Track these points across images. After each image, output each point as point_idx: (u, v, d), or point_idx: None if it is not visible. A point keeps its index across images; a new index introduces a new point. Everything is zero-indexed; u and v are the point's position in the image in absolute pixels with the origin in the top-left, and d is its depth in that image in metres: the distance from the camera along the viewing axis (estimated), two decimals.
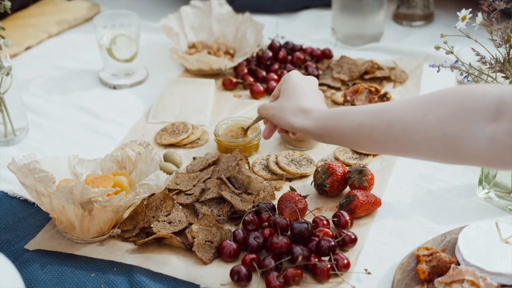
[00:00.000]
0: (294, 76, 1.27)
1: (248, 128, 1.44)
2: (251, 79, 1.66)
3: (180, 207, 1.26)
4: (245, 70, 1.69)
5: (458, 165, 1.22)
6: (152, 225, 1.21)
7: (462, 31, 1.30)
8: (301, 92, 1.24)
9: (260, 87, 1.63)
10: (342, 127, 1.14)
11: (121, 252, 1.20)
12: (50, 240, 1.23)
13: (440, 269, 1.11)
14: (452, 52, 1.31)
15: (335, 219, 1.23)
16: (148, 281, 1.15)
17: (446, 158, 1.04)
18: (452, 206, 1.29)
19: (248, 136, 1.42)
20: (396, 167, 1.39)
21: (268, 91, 1.63)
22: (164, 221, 1.22)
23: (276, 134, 1.48)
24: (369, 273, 1.16)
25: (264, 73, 1.68)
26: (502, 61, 1.24)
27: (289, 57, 1.74)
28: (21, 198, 1.34)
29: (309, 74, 1.63)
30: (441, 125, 1.01)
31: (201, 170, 1.36)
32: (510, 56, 1.23)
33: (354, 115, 1.13)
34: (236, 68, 1.71)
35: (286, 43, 1.77)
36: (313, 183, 1.33)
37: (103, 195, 1.14)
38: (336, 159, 1.42)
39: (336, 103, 1.58)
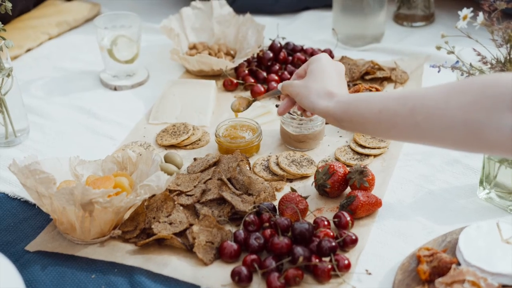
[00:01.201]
0: (324, 58, 1.28)
1: (254, 100, 1.45)
2: (252, 80, 1.66)
3: (181, 208, 1.26)
4: (246, 71, 1.69)
5: (479, 153, 1.21)
6: (153, 226, 1.21)
7: (463, 31, 1.30)
8: (329, 75, 1.24)
9: (261, 88, 1.63)
10: (364, 112, 1.13)
11: (122, 253, 1.20)
12: (51, 241, 1.23)
13: (441, 270, 1.11)
14: (453, 52, 1.31)
15: (336, 219, 1.23)
16: (149, 282, 1.15)
17: (467, 146, 1.04)
18: (453, 206, 1.29)
19: (242, 111, 1.44)
20: (397, 168, 1.39)
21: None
22: (165, 222, 1.22)
23: (277, 135, 1.48)
24: (370, 273, 1.16)
25: (264, 74, 1.68)
26: (503, 61, 1.24)
27: (290, 58, 1.74)
28: (21, 200, 1.34)
29: None
30: (464, 113, 1.01)
31: (201, 171, 1.36)
32: (511, 56, 1.23)
33: (376, 100, 1.13)
34: (236, 69, 1.71)
35: (287, 44, 1.77)
36: (313, 184, 1.33)
37: (104, 196, 1.14)
38: (337, 159, 1.42)
39: None
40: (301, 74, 1.31)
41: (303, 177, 1.38)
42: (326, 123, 1.51)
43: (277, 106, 1.44)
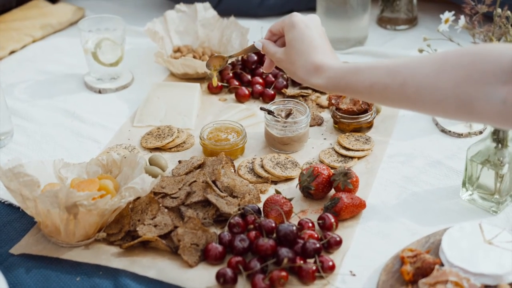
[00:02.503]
0: (298, 22, 1.21)
1: (231, 56, 1.38)
2: (236, 83, 1.67)
3: (166, 210, 1.26)
4: (230, 74, 1.69)
5: (470, 122, 1.24)
6: (137, 229, 1.21)
7: (445, 34, 1.31)
8: (310, 43, 1.19)
9: (245, 90, 1.63)
10: (356, 86, 1.13)
11: (107, 256, 1.20)
12: (35, 244, 1.22)
13: (424, 270, 1.12)
14: (427, 54, 1.32)
15: (320, 221, 1.24)
16: (134, 285, 1.15)
17: (458, 117, 1.05)
18: (436, 208, 1.30)
19: (218, 70, 1.39)
20: (381, 170, 1.40)
21: (253, 95, 1.64)
22: (150, 224, 1.22)
23: (262, 137, 1.49)
24: (354, 274, 1.16)
25: (249, 76, 1.68)
26: None
27: None
28: (5, 203, 1.33)
29: None
30: (455, 86, 1.02)
31: (186, 174, 1.36)
32: None
33: (366, 74, 1.12)
34: (221, 72, 1.71)
35: None
36: (298, 186, 1.33)
37: (89, 198, 1.14)
38: (321, 162, 1.42)
39: (320, 106, 1.59)
40: (276, 33, 1.26)
41: (288, 179, 1.38)
42: (311, 126, 1.52)
43: (261, 108, 1.44)
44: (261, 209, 1.28)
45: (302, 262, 1.15)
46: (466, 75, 1.01)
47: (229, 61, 1.42)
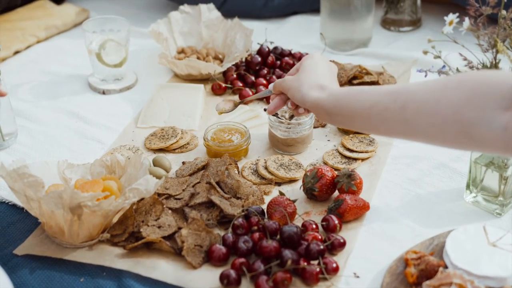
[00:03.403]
0: (317, 56, 1.30)
1: (244, 102, 1.48)
2: (240, 84, 1.67)
3: (170, 211, 1.26)
4: (234, 75, 1.69)
5: (469, 150, 1.20)
6: (141, 230, 1.21)
7: (449, 36, 1.31)
8: (322, 70, 1.26)
9: (249, 92, 1.63)
10: (355, 106, 1.13)
11: (111, 257, 1.20)
12: (39, 245, 1.22)
13: (428, 273, 1.12)
14: (439, 57, 1.32)
15: (324, 223, 1.24)
16: (138, 286, 1.15)
17: (457, 144, 1.04)
18: (440, 210, 1.30)
19: (225, 112, 1.45)
20: (385, 172, 1.40)
21: None
22: (154, 225, 1.22)
23: (266, 139, 1.49)
24: (358, 276, 1.16)
25: (253, 78, 1.68)
26: (489, 66, 1.25)
27: (278, 62, 1.74)
28: (10, 203, 1.33)
29: None
30: (455, 111, 1.01)
31: (190, 175, 1.36)
32: (497, 61, 1.24)
33: (368, 95, 1.13)
34: (225, 73, 1.71)
35: (275, 48, 1.78)
36: (302, 188, 1.33)
37: (93, 199, 1.14)
38: (325, 163, 1.42)
39: None
40: (293, 73, 1.32)
41: (292, 180, 1.38)
42: (315, 127, 1.52)
43: (265, 110, 1.44)
44: (265, 210, 1.28)
45: (306, 263, 1.15)
46: (466, 101, 1.00)
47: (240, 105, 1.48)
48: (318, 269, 1.14)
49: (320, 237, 1.20)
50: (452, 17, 1.30)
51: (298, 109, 1.31)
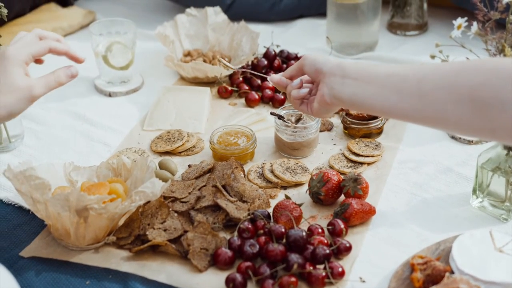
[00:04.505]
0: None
1: (243, 72, 1.50)
2: (246, 87, 1.67)
3: (176, 214, 1.26)
4: (240, 78, 1.69)
5: (478, 136, 1.16)
6: (147, 233, 1.21)
7: (457, 41, 1.31)
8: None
9: (255, 95, 1.63)
10: (375, 70, 1.12)
11: (116, 260, 1.20)
12: (45, 247, 1.23)
13: (434, 278, 1.12)
14: (447, 61, 1.31)
15: (330, 227, 1.24)
16: None
17: (469, 125, 1.03)
18: (446, 215, 1.30)
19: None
20: (391, 176, 1.40)
21: (263, 100, 1.64)
22: (160, 228, 1.22)
23: (272, 142, 1.49)
24: (363, 281, 1.16)
25: (259, 81, 1.68)
26: None
27: (284, 66, 1.74)
28: (16, 205, 1.33)
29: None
30: (472, 89, 1.01)
31: (196, 178, 1.36)
32: None
33: (389, 66, 1.13)
34: (231, 76, 1.71)
35: (281, 52, 1.78)
36: (308, 191, 1.33)
37: (99, 202, 1.14)
38: (331, 167, 1.42)
39: None
40: (289, 74, 1.30)
41: (297, 184, 1.38)
42: (321, 131, 1.52)
43: (271, 113, 1.44)
44: (271, 214, 1.27)
45: (311, 268, 1.14)
46: (484, 81, 1.00)
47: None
48: (324, 274, 1.14)
49: (326, 241, 1.20)
50: (460, 21, 1.30)
51: (300, 89, 1.28)
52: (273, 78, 1.31)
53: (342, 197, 1.33)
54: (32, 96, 1.22)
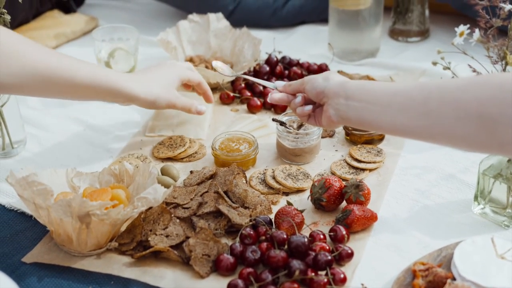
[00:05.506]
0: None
1: (244, 78, 1.57)
2: (248, 94, 1.67)
3: (178, 220, 1.26)
4: (242, 85, 1.70)
5: (486, 151, 1.15)
6: (149, 239, 1.21)
7: (459, 48, 1.31)
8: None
9: (257, 101, 1.64)
10: (380, 89, 1.12)
11: (118, 266, 1.20)
12: (48, 253, 1.23)
13: (436, 284, 1.12)
14: (449, 68, 1.32)
15: (332, 233, 1.24)
16: None
17: (477, 141, 1.02)
18: (448, 221, 1.30)
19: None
20: (393, 182, 1.40)
21: (265, 106, 1.64)
22: (162, 234, 1.22)
23: (273, 149, 1.49)
24: (365, 287, 1.16)
25: (261, 87, 1.69)
26: None
27: (286, 72, 1.75)
28: (18, 211, 1.34)
29: None
30: (479, 105, 1.00)
31: (198, 184, 1.36)
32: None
33: (393, 84, 1.13)
34: (233, 83, 1.71)
35: (283, 58, 1.78)
36: (309, 198, 1.33)
37: (101, 208, 1.14)
38: (333, 173, 1.42)
39: None
40: (295, 90, 1.31)
41: (299, 190, 1.38)
42: (322, 137, 1.52)
43: (273, 120, 1.44)
44: (273, 220, 1.28)
45: (313, 274, 1.15)
46: (492, 96, 0.99)
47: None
48: (325, 280, 1.14)
49: (327, 247, 1.20)
50: (463, 28, 1.31)
51: (305, 107, 1.28)
52: (273, 98, 1.33)
53: (344, 204, 1.33)
54: (156, 105, 1.40)
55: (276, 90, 1.34)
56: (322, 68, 1.76)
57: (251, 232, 1.23)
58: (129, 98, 1.35)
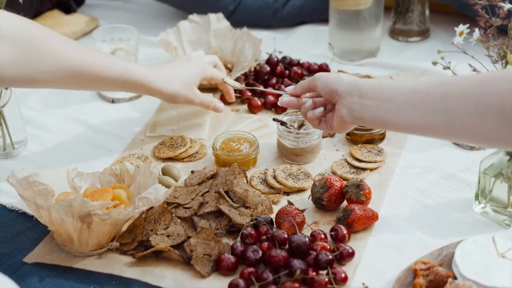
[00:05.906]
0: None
1: (254, 90, 1.58)
2: (249, 94, 1.67)
3: (179, 220, 1.26)
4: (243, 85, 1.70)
5: (506, 148, 1.14)
6: (150, 238, 1.21)
7: (459, 47, 1.31)
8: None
9: (258, 101, 1.64)
10: (395, 87, 1.10)
11: (120, 265, 1.20)
12: (49, 253, 1.23)
13: (437, 283, 1.12)
14: (449, 68, 1.32)
15: (333, 233, 1.24)
16: None
17: (499, 134, 1.00)
18: (449, 220, 1.30)
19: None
20: (393, 182, 1.40)
21: (266, 106, 1.64)
22: (163, 234, 1.23)
23: (274, 148, 1.49)
24: (366, 287, 1.16)
25: (262, 87, 1.69)
26: None
27: (287, 72, 1.75)
28: (19, 211, 1.34)
29: None
30: (500, 101, 0.98)
31: (199, 184, 1.37)
32: None
33: (409, 82, 1.10)
34: None
35: (284, 58, 1.78)
36: (310, 197, 1.33)
37: (102, 208, 1.14)
38: (334, 173, 1.42)
39: None
40: (305, 88, 1.30)
41: (300, 190, 1.38)
42: (323, 137, 1.52)
43: (274, 119, 1.45)
44: (274, 220, 1.28)
45: (314, 273, 1.15)
46: (511, 91, 0.97)
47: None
48: (326, 279, 1.14)
49: (328, 247, 1.20)
50: (462, 28, 1.31)
51: (315, 110, 1.27)
52: (283, 102, 1.32)
53: (345, 203, 1.33)
54: (175, 101, 1.46)
55: (287, 94, 1.33)
56: (322, 68, 1.76)
57: (252, 232, 1.23)
58: (152, 92, 1.43)
